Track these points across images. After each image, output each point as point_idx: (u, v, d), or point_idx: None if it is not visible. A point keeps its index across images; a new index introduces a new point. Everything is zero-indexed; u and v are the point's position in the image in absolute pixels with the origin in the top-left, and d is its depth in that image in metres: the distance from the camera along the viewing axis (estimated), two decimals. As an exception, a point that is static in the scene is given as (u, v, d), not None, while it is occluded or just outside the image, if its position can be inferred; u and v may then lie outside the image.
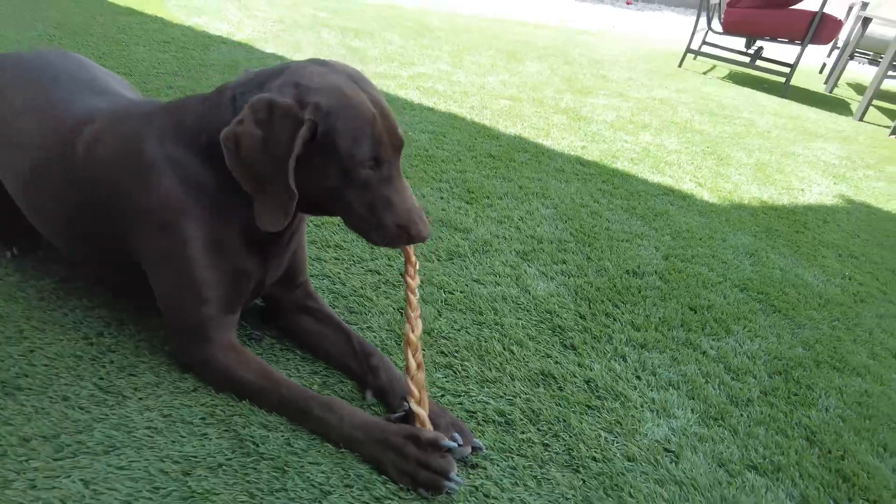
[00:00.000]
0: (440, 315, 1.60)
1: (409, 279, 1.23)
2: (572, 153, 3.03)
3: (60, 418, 1.12)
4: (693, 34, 6.14)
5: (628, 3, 12.28)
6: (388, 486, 1.09)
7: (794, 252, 2.41)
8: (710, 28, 6.13)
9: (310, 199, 1.15)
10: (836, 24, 5.63)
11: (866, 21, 6.29)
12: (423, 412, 1.16)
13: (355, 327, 1.50)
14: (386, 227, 1.14)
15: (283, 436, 1.16)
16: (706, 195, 2.82)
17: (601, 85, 4.69)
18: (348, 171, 1.10)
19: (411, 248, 1.23)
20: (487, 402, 1.33)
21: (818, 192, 3.21)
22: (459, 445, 1.15)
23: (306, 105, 1.05)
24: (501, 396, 1.36)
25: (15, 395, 1.15)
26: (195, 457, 1.09)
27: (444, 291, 1.70)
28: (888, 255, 2.55)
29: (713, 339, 1.73)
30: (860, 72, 8.89)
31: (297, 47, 4.09)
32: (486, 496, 1.11)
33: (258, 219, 1.12)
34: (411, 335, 1.19)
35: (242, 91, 1.13)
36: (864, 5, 6.68)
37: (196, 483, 1.04)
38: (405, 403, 1.22)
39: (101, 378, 1.22)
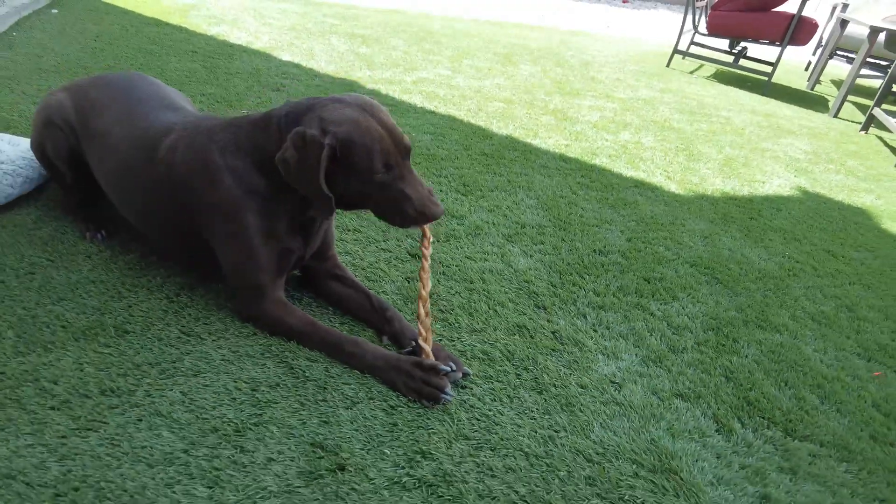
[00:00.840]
0: (439, 283, 2.01)
1: (423, 249, 1.64)
2: (556, 151, 3.43)
3: (158, 352, 1.54)
4: (680, 35, 6.51)
5: (624, 2, 12.62)
6: (399, 398, 1.50)
7: (745, 235, 2.80)
8: (696, 29, 6.49)
9: (344, 199, 1.57)
10: (812, 27, 5.99)
11: (845, 22, 6.64)
12: (427, 347, 1.57)
13: (373, 291, 1.91)
14: (406, 214, 1.53)
15: (322, 365, 1.58)
16: (673, 187, 3.22)
17: (589, 86, 5.08)
18: (367, 179, 1.51)
19: (427, 226, 1.64)
20: (474, 346, 1.74)
21: (777, 183, 3.59)
22: (453, 370, 1.56)
23: (327, 134, 1.46)
24: (485, 342, 1.77)
25: (125, 336, 1.57)
26: (258, 379, 1.50)
27: (443, 265, 2.11)
28: (827, 238, 2.94)
29: (661, 304, 2.13)
30: (844, 69, 9.23)
31: (310, 54, 4.49)
32: (472, 407, 1.52)
33: (315, 211, 1.59)
34: (422, 291, 1.60)
35: (286, 122, 1.54)
36: (845, 7, 7.03)
37: (261, 395, 1.45)
38: (413, 342, 1.63)
39: (183, 326, 1.63)
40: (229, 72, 3.75)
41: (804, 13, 5.95)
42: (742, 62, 7.01)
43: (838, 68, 9.16)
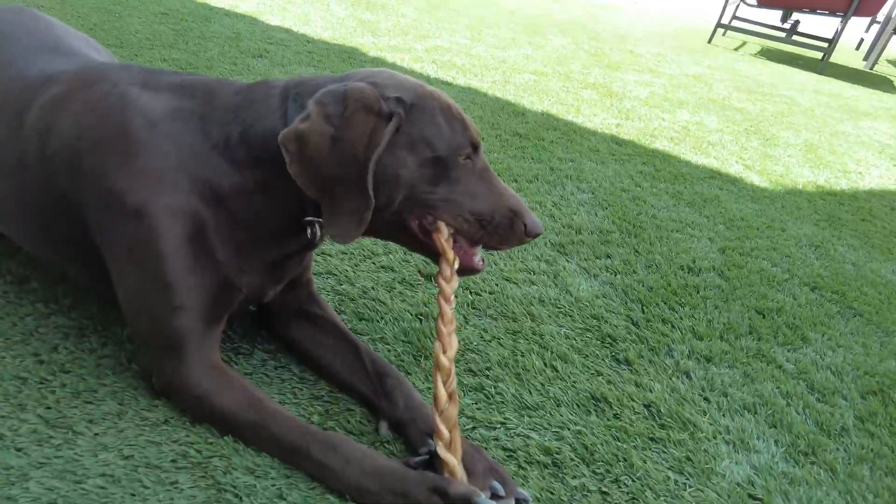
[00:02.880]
0: (467, 322, 1.34)
1: (442, 282, 0.97)
2: (606, 131, 2.74)
3: (-8, 462, 0.88)
4: (724, 8, 5.76)
5: (650, -21, 11.80)
6: (408, 556, 0.84)
7: (865, 244, 2.11)
8: (743, 1, 5.74)
9: (392, 213, 0.96)
10: (884, -6, 5.23)
11: (913, -8, 5.86)
12: (452, 459, 0.90)
13: (365, 338, 1.25)
14: (496, 219, 0.98)
15: (273, 485, 0.92)
16: (756, 179, 2.52)
17: (630, 60, 4.36)
18: (445, 164, 0.94)
19: (445, 239, 0.97)
20: (529, 437, 1.07)
21: (878, 175, 2.89)
22: (500, 498, 0.90)
23: (388, 98, 0.91)
24: (546, 428, 1.10)
25: (-64, 431, 0.91)
26: (161, 514, 0.85)
27: (471, 293, 1.44)
28: (971, 248, 2.24)
29: (789, 350, 1.45)
30: (898, 48, 8.41)
31: (304, 20, 3.80)
32: (535, 568, 0.86)
33: (328, 229, 0.93)
34: (442, 357, 0.93)
35: (298, 91, 0.95)
36: (910, -25, 6.24)
37: (160, 553, 0.80)
38: (429, 441, 0.97)
39: (49, 408, 0.98)
40: (203, 36, 3.08)
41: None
42: (792, 38, 6.25)
43: (891, 46, 8.34)
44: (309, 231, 1.02)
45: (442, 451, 0.91)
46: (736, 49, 6.01)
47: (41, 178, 1.03)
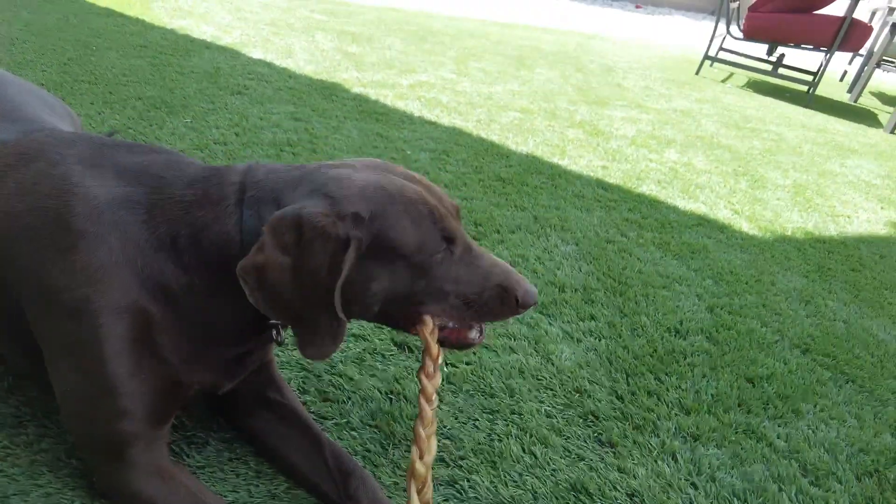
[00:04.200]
0: (442, 401, 1.26)
1: (424, 379, 0.90)
2: (592, 175, 2.69)
3: None
4: (711, 39, 5.80)
5: (637, 7, 11.94)
6: None
7: (855, 297, 2.06)
8: (729, 33, 5.79)
9: (376, 315, 0.92)
10: (866, 30, 5.29)
11: (895, 27, 5.94)
12: (419, 581, 0.82)
13: (330, 422, 1.16)
14: (484, 298, 0.92)
15: None
16: (745, 225, 2.48)
17: (617, 94, 4.35)
18: (422, 265, 0.88)
19: (430, 332, 0.90)
20: (503, 540, 0.99)
21: (866, 218, 2.86)
22: None
23: (344, 218, 0.82)
24: (522, 528, 1.02)
25: None
26: None
27: (447, 364, 1.36)
28: (962, 300, 2.20)
29: (780, 425, 1.38)
30: (884, 80, 8.54)
31: (287, 52, 3.76)
32: None
33: (302, 350, 0.87)
34: (418, 464, 0.86)
35: (254, 195, 0.88)
36: (892, 10, 6.34)
37: None
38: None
39: (-29, 519, 0.88)
40: (181, 71, 3.02)
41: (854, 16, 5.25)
42: (779, 71, 6.31)
43: (879, 79, 8.46)
44: (274, 332, 0.95)
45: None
46: (723, 81, 6.04)
47: None
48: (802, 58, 6.97)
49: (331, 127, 2.65)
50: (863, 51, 6.95)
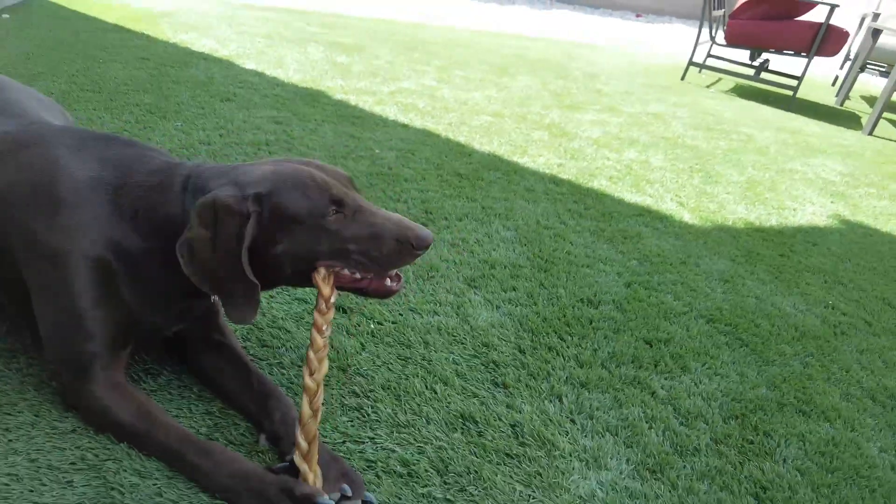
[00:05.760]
0: (363, 349, 1.49)
1: (317, 314, 1.13)
2: (547, 171, 2.91)
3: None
4: (696, 46, 6.00)
5: (638, 16, 12.16)
6: (253, 551, 0.98)
7: (775, 278, 2.25)
8: (713, 40, 5.98)
9: (278, 276, 1.15)
10: (842, 36, 5.45)
11: (877, 32, 6.08)
12: (305, 466, 1.05)
13: (264, 363, 1.40)
14: (382, 250, 1.11)
15: (155, 484, 1.06)
16: (686, 216, 2.68)
17: (593, 99, 4.57)
18: (316, 227, 1.10)
19: (322, 278, 1.13)
20: (393, 451, 1.21)
21: (811, 211, 3.04)
22: (348, 498, 1.04)
23: (247, 198, 1.08)
24: (410, 443, 1.24)
25: None
26: (49, 512, 0.99)
27: (374, 322, 1.60)
28: (879, 282, 2.38)
29: (666, 378, 1.59)
30: (876, 84, 8.63)
31: (279, 63, 4.05)
32: (367, 564, 0.99)
33: (227, 315, 1.12)
34: (308, 379, 1.09)
35: (192, 186, 1.14)
36: (876, 16, 6.48)
37: (39, 544, 0.94)
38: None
39: (-33, 420, 1.13)
40: (177, 80, 3.31)
41: (832, 21, 5.41)
42: (764, 76, 6.47)
43: (866, 83, 8.56)
44: (213, 297, 1.20)
45: (297, 460, 1.05)
46: (708, 86, 6.22)
47: None
48: (791, 63, 7.13)
49: (308, 129, 2.91)
50: (853, 55, 7.08)
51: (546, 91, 4.58)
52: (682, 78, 6.23)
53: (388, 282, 1.18)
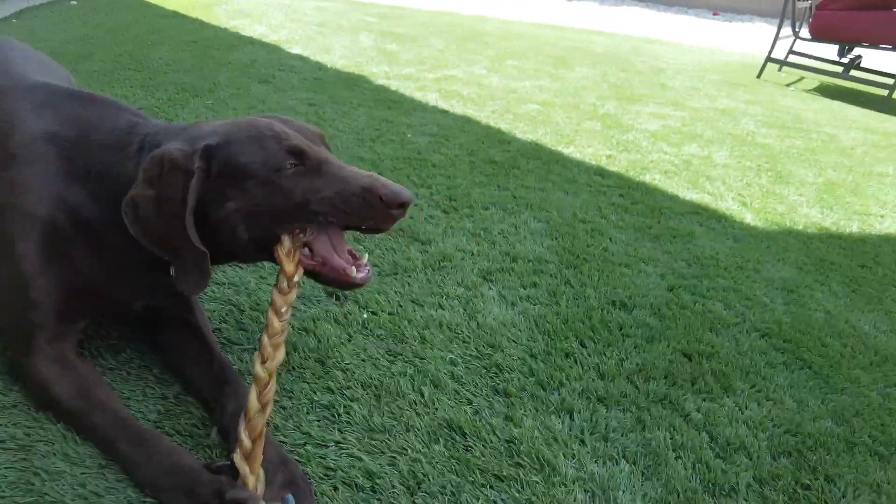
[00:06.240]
0: (349, 340, 1.33)
1: (276, 294, 0.98)
2: (593, 162, 2.67)
3: None
4: (775, 41, 5.51)
5: (715, 15, 11.47)
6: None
7: (852, 292, 1.92)
8: (796, 35, 5.47)
9: (247, 244, 1.00)
10: (952, 29, 4.83)
11: None
12: (245, 468, 0.90)
13: (238, 347, 1.26)
14: (351, 205, 0.97)
15: (83, 473, 0.95)
16: (748, 217, 2.37)
17: (656, 93, 4.24)
18: (271, 182, 0.96)
19: (286, 252, 0.98)
20: (359, 459, 1.04)
21: (902, 220, 2.63)
22: (286, 510, 0.88)
23: (195, 152, 0.95)
24: (382, 452, 1.06)
25: None
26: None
27: (367, 311, 1.43)
28: (985, 303, 1.99)
29: (704, 399, 1.34)
30: None
31: (326, 49, 3.98)
32: None
33: (177, 283, 0.99)
34: (258, 367, 0.94)
35: (150, 144, 1.03)
36: None
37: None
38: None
39: None
40: (220, 62, 3.29)
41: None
42: (854, 73, 5.87)
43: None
44: (172, 270, 1.08)
45: (238, 460, 0.90)
46: (788, 85, 5.71)
47: None
48: (887, 59, 6.44)
49: (341, 112, 2.79)
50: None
51: (605, 83, 4.30)
52: (759, 76, 5.74)
53: (351, 271, 1.00)
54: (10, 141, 1.06)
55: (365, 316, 1.41)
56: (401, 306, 1.47)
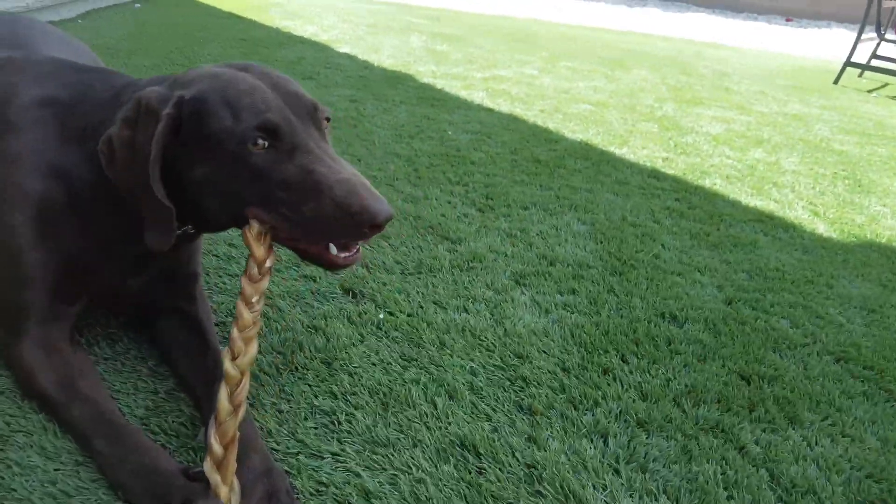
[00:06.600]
0: (361, 342, 1.22)
1: (245, 282, 0.88)
2: (648, 164, 2.47)
3: None
4: (855, 45, 5.10)
5: (788, 20, 10.87)
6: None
7: (947, 315, 1.66)
8: (881, 37, 5.05)
9: (203, 209, 0.91)
10: None
11: None
12: (216, 478, 0.79)
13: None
14: (317, 210, 0.82)
15: (57, 469, 0.88)
16: (821, 227, 2.12)
17: (719, 97, 3.98)
18: (238, 156, 0.84)
19: (255, 235, 0.88)
20: (357, 475, 0.92)
21: None
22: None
23: (170, 98, 0.85)
24: (383, 469, 0.94)
25: None
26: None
27: (385, 311, 1.32)
28: None
29: (764, 430, 1.14)
30: None
31: (375, 49, 3.94)
32: None
33: (146, 236, 0.90)
34: (228, 365, 0.84)
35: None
36: None
37: None
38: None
39: None
40: (267, 59, 3.28)
41: None
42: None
43: None
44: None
45: (208, 468, 0.80)
46: (870, 91, 5.27)
47: None
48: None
49: (382, 108, 2.71)
50: None
51: (664, 85, 4.06)
52: (836, 81, 5.33)
53: (333, 249, 0.88)
54: (8, 109, 1.01)
55: (381, 316, 1.30)
56: (421, 307, 1.35)
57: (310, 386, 1.08)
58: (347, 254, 0.90)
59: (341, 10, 5.33)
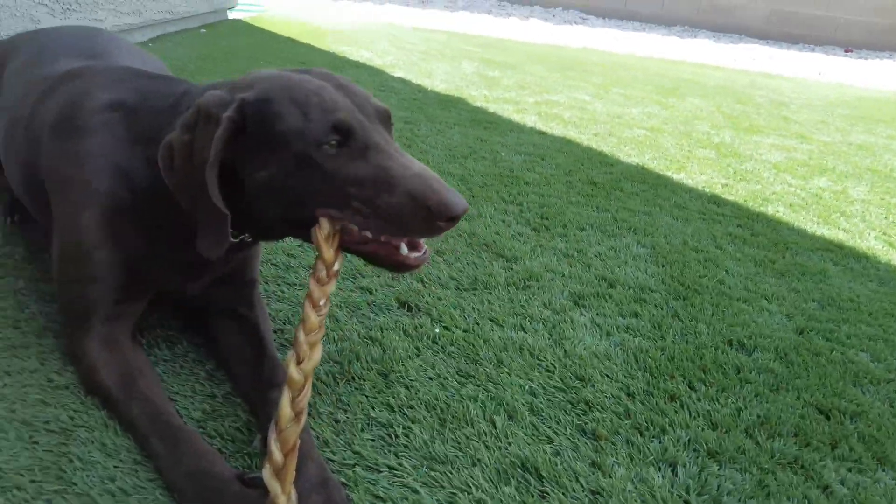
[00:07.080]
0: (417, 355, 1.19)
1: (313, 284, 0.87)
2: (707, 190, 2.40)
3: None
4: (924, 74, 4.88)
5: (847, 52, 10.55)
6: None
7: None
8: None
9: (281, 221, 0.91)
10: None
11: None
12: (276, 487, 0.77)
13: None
14: (391, 203, 0.82)
15: (116, 466, 0.88)
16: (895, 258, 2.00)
17: (778, 125, 3.86)
18: (309, 157, 0.84)
19: (325, 236, 0.87)
20: (415, 491, 0.89)
21: None
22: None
23: (231, 102, 0.85)
24: (441, 486, 0.90)
25: None
26: (-4, 474, 0.84)
27: (441, 325, 1.29)
28: None
29: (849, 470, 1.06)
30: None
31: (428, 73, 4.00)
32: None
33: (198, 243, 0.90)
34: (293, 369, 0.82)
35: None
36: None
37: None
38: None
39: (-28, 359, 1.04)
40: (324, 80, 3.37)
41: None
42: None
43: None
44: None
45: (267, 476, 0.78)
46: (940, 123, 5.02)
47: (25, 149, 1.15)
48: None
49: (435, 130, 2.73)
50: None
51: (719, 113, 3.98)
52: (903, 112, 5.10)
53: (403, 250, 0.86)
54: (79, 113, 1.04)
55: (437, 330, 1.27)
56: (477, 324, 1.32)
57: (366, 397, 1.06)
58: (417, 254, 0.88)
59: (395, 38, 5.47)
